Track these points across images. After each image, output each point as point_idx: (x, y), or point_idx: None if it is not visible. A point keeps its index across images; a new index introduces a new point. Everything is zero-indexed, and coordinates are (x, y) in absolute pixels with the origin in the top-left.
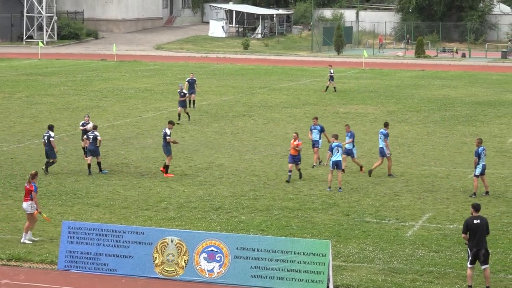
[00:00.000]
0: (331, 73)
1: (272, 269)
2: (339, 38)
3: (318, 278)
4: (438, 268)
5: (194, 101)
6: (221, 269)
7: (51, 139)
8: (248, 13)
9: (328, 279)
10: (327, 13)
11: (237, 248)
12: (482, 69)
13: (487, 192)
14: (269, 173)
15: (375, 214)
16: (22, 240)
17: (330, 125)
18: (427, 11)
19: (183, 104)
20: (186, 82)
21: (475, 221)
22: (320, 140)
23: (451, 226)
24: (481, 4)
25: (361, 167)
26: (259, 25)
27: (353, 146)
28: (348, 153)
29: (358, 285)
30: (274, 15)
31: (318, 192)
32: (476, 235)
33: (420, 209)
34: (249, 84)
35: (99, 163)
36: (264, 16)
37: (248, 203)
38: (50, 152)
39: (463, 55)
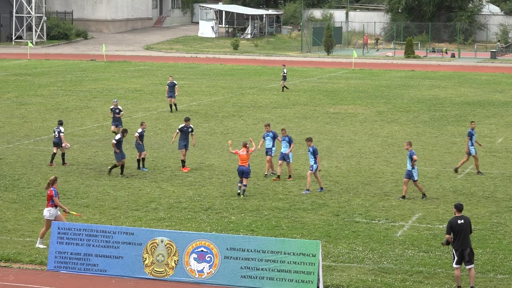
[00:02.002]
0: (284, 73)
1: (262, 269)
2: (329, 38)
3: (308, 278)
4: (428, 268)
5: (175, 104)
6: (211, 269)
7: (113, 141)
8: (237, 14)
9: (318, 279)
10: (317, 13)
11: (227, 249)
12: (472, 70)
13: (403, 197)
14: (258, 174)
15: (365, 214)
16: (36, 245)
17: (320, 125)
18: (417, 12)
19: (117, 121)
20: (167, 86)
21: (459, 221)
22: (273, 148)
23: (441, 226)
24: (470, 5)
25: (289, 176)
26: (248, 25)
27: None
28: (284, 158)
29: (348, 285)
30: (264, 16)
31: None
32: (461, 235)
33: (410, 209)
34: (239, 84)
35: (143, 159)
36: (253, 17)
37: (238, 204)
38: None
39: (453, 56)
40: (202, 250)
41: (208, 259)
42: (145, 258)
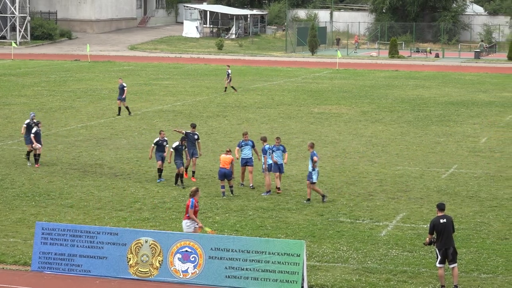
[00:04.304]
0: (228, 73)
1: (246, 269)
2: (313, 38)
3: (293, 278)
4: (412, 268)
5: (127, 107)
6: (195, 269)
7: (171, 149)
8: (222, 14)
9: (303, 279)
10: (301, 13)
11: (211, 249)
12: (456, 69)
13: (323, 197)
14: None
15: (349, 214)
16: None
17: (304, 125)
18: (401, 12)
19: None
20: (119, 89)
21: (441, 221)
22: (253, 157)
23: (425, 226)
24: (454, 5)
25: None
26: (233, 25)
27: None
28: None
29: (332, 285)
30: (248, 16)
31: (292, 192)
32: (444, 234)
33: (394, 209)
34: (223, 84)
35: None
36: (238, 17)
37: (222, 204)
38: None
39: (437, 56)
40: (186, 250)
41: (193, 259)
42: (130, 259)
